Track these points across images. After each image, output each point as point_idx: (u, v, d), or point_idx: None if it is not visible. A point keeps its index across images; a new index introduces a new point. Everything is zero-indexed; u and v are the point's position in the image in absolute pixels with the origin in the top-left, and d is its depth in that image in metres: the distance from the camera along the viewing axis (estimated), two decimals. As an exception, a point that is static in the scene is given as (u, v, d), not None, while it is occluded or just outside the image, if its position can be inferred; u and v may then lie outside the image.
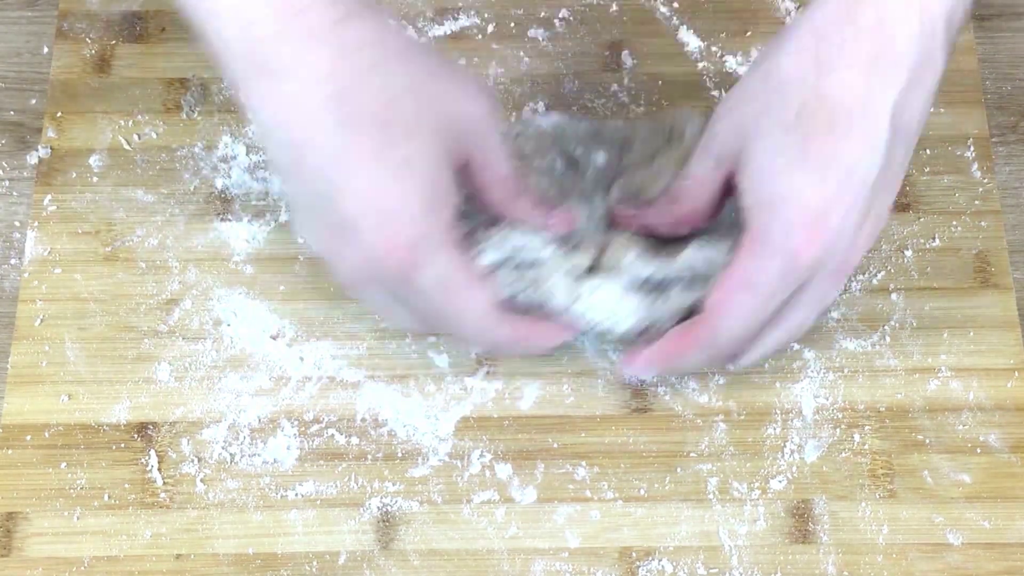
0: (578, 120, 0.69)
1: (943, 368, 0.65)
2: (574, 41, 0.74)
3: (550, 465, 0.63)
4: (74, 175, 0.70)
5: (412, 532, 0.61)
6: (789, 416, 0.64)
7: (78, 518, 0.62)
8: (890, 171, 0.54)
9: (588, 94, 0.72)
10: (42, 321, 0.66)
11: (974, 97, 0.72)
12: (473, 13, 0.74)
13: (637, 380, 0.64)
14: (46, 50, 0.73)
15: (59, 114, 0.71)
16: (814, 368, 0.65)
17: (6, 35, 0.74)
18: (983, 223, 0.68)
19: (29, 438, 0.63)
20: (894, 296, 0.67)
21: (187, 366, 0.65)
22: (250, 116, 0.54)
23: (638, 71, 0.73)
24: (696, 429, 0.64)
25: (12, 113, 0.72)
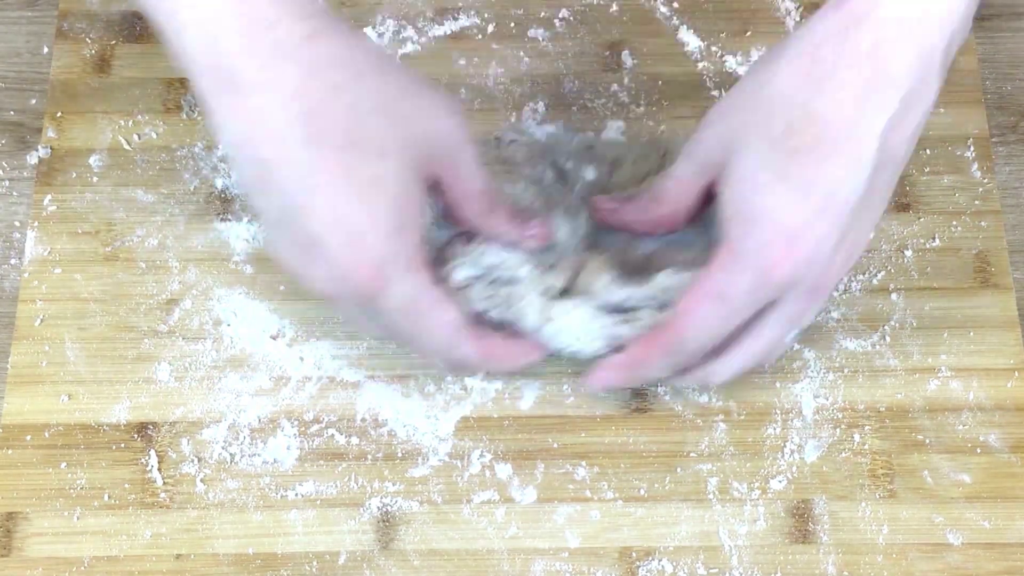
0: (573, 133, 0.69)
1: (943, 368, 0.65)
2: (574, 41, 0.74)
3: (550, 465, 0.63)
4: (74, 175, 0.70)
5: (412, 532, 0.61)
6: (789, 416, 0.64)
7: (78, 518, 0.62)
8: (873, 197, 0.54)
9: (588, 94, 0.72)
10: (42, 321, 0.66)
11: (974, 97, 0.72)
12: (473, 13, 0.74)
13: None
14: (46, 50, 0.73)
15: (59, 114, 0.71)
16: (814, 368, 0.65)
17: (6, 35, 0.74)
18: (983, 223, 0.68)
19: (29, 438, 0.63)
20: (894, 296, 0.67)
21: (187, 366, 0.65)
22: (216, 132, 0.53)
23: (638, 71, 0.73)
24: (696, 429, 0.64)
25: (12, 113, 0.72)
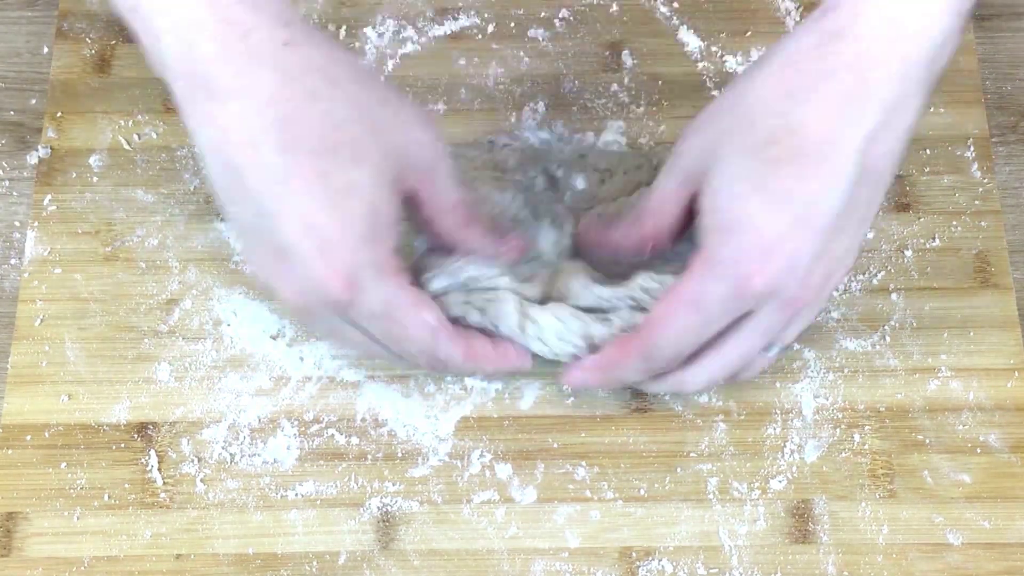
0: (567, 140, 0.68)
1: (943, 368, 0.65)
2: (574, 41, 0.74)
3: (550, 465, 0.63)
4: (74, 175, 0.70)
5: (412, 532, 0.61)
6: (789, 416, 0.64)
7: (78, 518, 0.62)
8: (853, 212, 0.53)
9: (588, 94, 0.72)
10: (42, 321, 0.66)
11: (974, 97, 0.72)
12: (473, 13, 0.74)
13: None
14: (46, 50, 0.73)
15: (59, 114, 0.71)
16: (814, 368, 0.65)
17: (6, 35, 0.74)
18: (983, 223, 0.68)
19: (29, 438, 0.63)
20: (894, 296, 0.67)
21: (187, 366, 0.65)
22: (192, 138, 0.53)
23: (638, 71, 0.73)
24: (696, 429, 0.64)
25: (12, 113, 0.72)
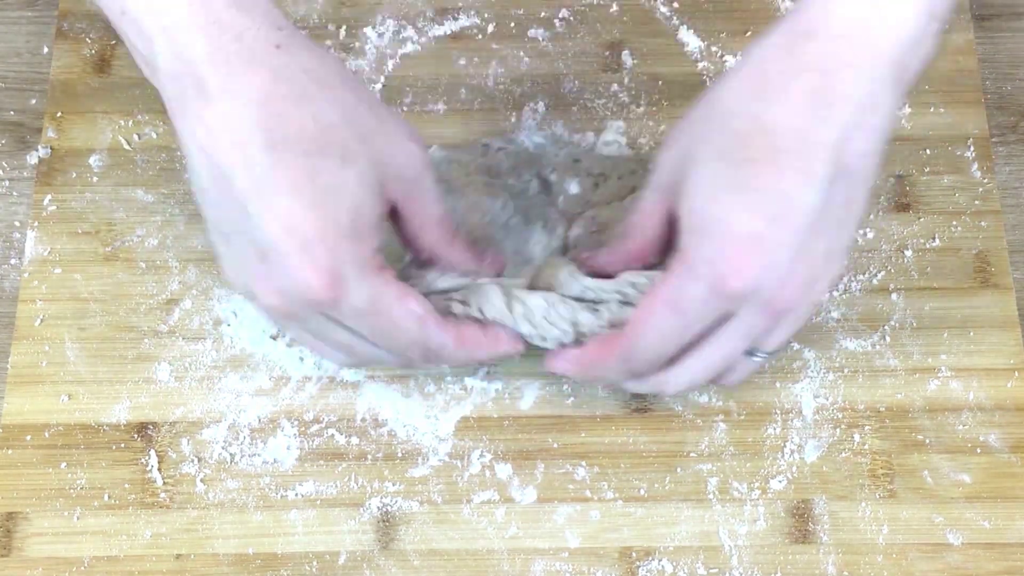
0: (562, 144, 0.68)
1: (943, 368, 0.65)
2: (574, 41, 0.74)
3: (550, 465, 0.63)
4: (74, 175, 0.70)
5: (412, 532, 0.61)
6: (789, 416, 0.64)
7: (78, 518, 0.62)
8: (832, 212, 0.52)
9: (588, 94, 0.72)
10: (42, 321, 0.66)
11: (974, 97, 0.72)
12: (473, 13, 0.74)
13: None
14: (46, 50, 0.73)
15: (59, 114, 0.71)
16: (814, 368, 0.65)
17: (6, 35, 0.74)
18: (983, 223, 0.68)
19: (29, 438, 0.63)
20: (894, 296, 0.67)
21: (187, 366, 0.65)
22: (179, 139, 0.53)
23: (638, 71, 0.73)
24: (696, 429, 0.64)
25: (12, 113, 0.72)
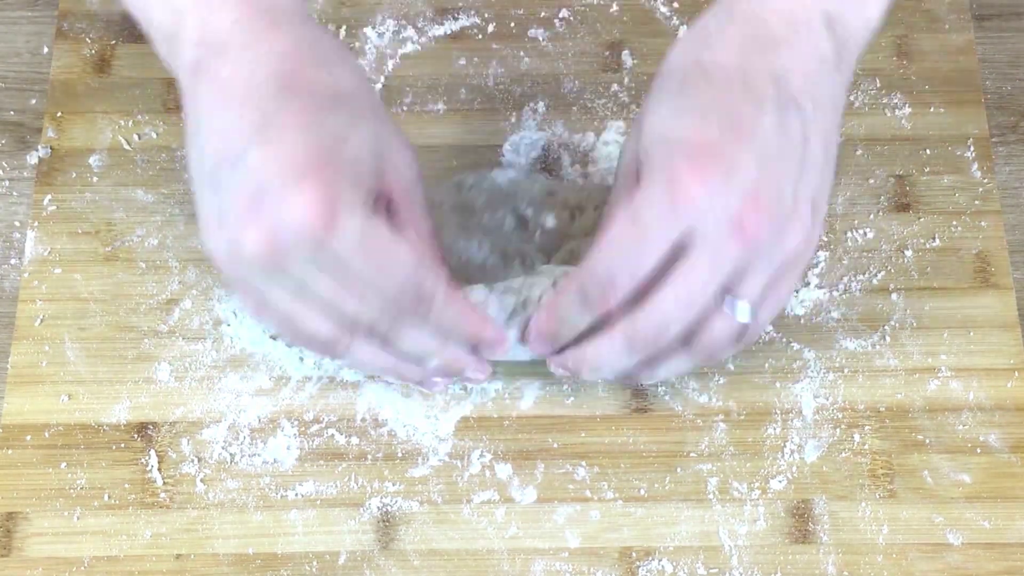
0: (535, 178, 0.68)
1: (943, 368, 0.65)
2: (574, 41, 0.74)
3: (550, 465, 0.63)
4: (74, 175, 0.70)
5: (412, 532, 0.61)
6: (789, 416, 0.64)
7: (78, 518, 0.62)
8: (791, 145, 0.53)
9: (588, 94, 0.72)
10: (42, 321, 0.66)
11: (974, 97, 0.72)
12: (473, 13, 0.74)
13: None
14: (46, 50, 0.73)
15: (59, 114, 0.71)
16: (814, 368, 0.65)
17: (6, 35, 0.74)
18: (983, 223, 0.68)
19: (29, 438, 0.63)
20: (894, 296, 0.67)
21: (187, 366, 0.65)
22: (191, 106, 0.53)
23: (638, 71, 0.73)
24: (696, 429, 0.64)
25: (12, 113, 0.72)
